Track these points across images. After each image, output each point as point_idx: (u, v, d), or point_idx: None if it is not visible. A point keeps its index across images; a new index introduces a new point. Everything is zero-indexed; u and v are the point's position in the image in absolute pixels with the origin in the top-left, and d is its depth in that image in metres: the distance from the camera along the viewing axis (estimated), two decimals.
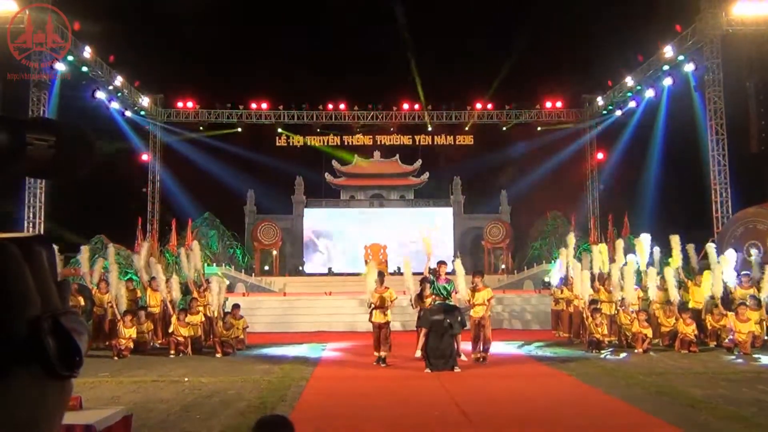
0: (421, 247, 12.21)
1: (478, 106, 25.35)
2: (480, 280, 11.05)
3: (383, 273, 11.34)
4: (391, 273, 20.84)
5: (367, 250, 29.05)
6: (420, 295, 10.72)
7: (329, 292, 19.69)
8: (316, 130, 26.15)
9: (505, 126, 25.66)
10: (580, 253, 16.53)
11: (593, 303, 12.62)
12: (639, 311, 12.36)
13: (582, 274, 12.80)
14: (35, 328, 0.55)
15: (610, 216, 22.51)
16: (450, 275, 10.93)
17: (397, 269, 23.25)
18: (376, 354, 10.46)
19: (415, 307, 10.89)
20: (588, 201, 26.49)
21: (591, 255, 14.60)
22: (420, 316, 10.68)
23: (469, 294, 10.89)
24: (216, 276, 14.87)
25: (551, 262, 19.85)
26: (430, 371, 9.65)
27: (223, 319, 12.44)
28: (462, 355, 10.55)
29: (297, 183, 31.12)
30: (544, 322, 15.99)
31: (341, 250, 30.53)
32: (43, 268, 0.59)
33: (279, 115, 25.45)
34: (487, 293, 10.95)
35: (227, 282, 17.56)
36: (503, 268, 26.85)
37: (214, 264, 21.89)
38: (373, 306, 10.65)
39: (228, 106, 25.35)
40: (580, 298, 12.62)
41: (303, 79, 28.16)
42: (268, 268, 27.80)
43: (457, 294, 10.75)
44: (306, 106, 25.38)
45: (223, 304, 13.33)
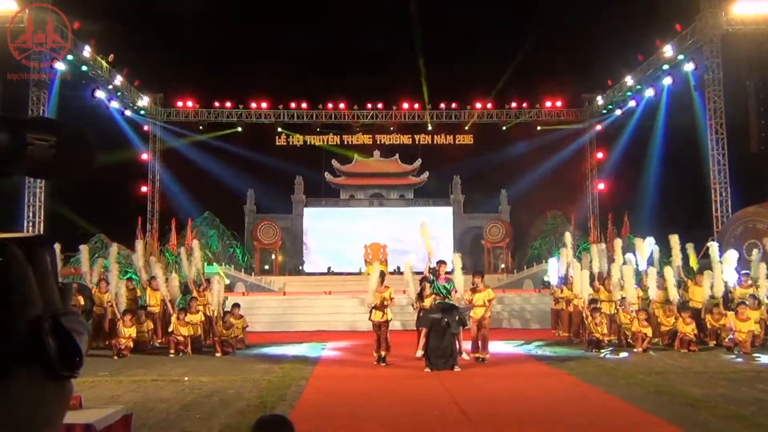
0: (421, 246, 12.17)
1: (478, 106, 25.36)
2: (480, 280, 11.02)
3: (384, 272, 11.34)
4: (391, 272, 20.84)
5: (367, 250, 29.06)
6: (420, 295, 10.72)
7: (329, 292, 19.69)
8: (315, 129, 26.13)
9: (505, 125, 25.66)
10: (580, 252, 16.52)
11: (593, 302, 12.62)
12: (639, 310, 12.35)
13: (582, 273, 12.82)
14: (36, 329, 0.55)
15: (609, 215, 22.53)
16: (449, 274, 10.94)
17: (396, 269, 23.26)
18: (376, 354, 10.47)
19: (416, 308, 10.90)
20: (588, 200, 26.50)
21: (590, 254, 14.61)
22: (420, 317, 10.68)
23: (469, 294, 10.88)
24: (216, 276, 14.86)
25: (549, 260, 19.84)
26: (429, 371, 9.65)
27: (222, 319, 12.44)
28: (464, 354, 10.56)
29: (297, 182, 31.15)
30: (543, 321, 15.98)
31: (341, 249, 30.55)
32: (44, 268, 0.59)
33: (279, 114, 25.45)
34: (487, 294, 10.94)
35: (227, 281, 17.56)
36: (503, 268, 26.87)
37: (214, 263, 21.88)
38: (372, 306, 10.65)
39: (228, 105, 25.35)
40: (580, 297, 12.63)
41: (303, 79, 28.21)
42: (268, 268, 27.82)
43: (457, 293, 10.75)
44: (306, 106, 25.38)
45: (222, 303, 13.33)
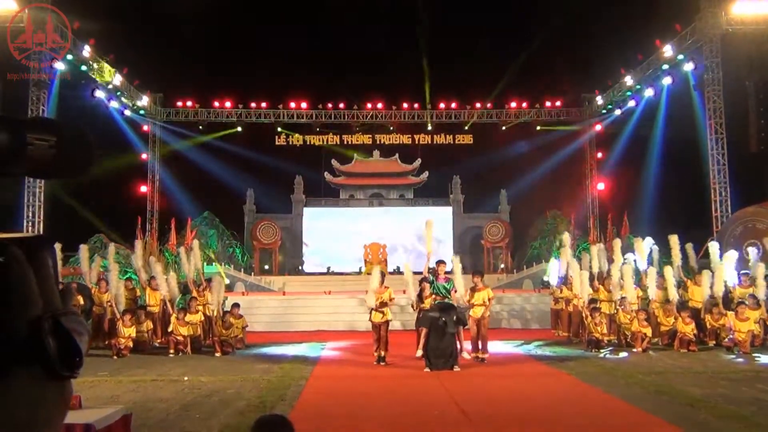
0: (419, 244, 12.18)
1: (478, 106, 25.34)
2: (480, 280, 11.05)
3: (383, 273, 11.34)
4: (390, 272, 20.83)
5: (367, 250, 29.04)
6: (420, 296, 10.73)
7: (329, 292, 19.69)
8: (315, 129, 26.11)
9: (505, 125, 25.64)
10: (580, 252, 16.52)
11: (592, 302, 12.63)
12: (638, 310, 12.36)
13: (581, 273, 12.82)
14: (36, 329, 0.55)
15: (609, 215, 22.53)
16: (448, 274, 10.94)
17: (396, 269, 23.25)
18: (376, 353, 10.47)
19: (416, 309, 10.90)
20: (587, 200, 26.50)
21: (590, 254, 14.62)
22: (419, 317, 10.68)
23: (469, 294, 10.89)
24: (217, 275, 14.86)
25: (549, 260, 19.84)
26: (429, 370, 9.65)
27: (222, 319, 12.44)
28: (465, 353, 10.56)
29: (296, 182, 31.14)
30: (543, 321, 15.99)
31: (341, 249, 30.54)
32: (45, 268, 0.59)
33: (278, 114, 25.43)
34: (487, 293, 10.96)
35: (227, 281, 17.55)
36: (502, 268, 26.86)
37: (214, 263, 21.87)
38: (372, 306, 10.66)
39: (228, 105, 25.34)
40: (580, 297, 12.64)
41: (303, 79, 28.14)
42: (268, 268, 27.81)
43: (457, 293, 10.75)
44: (306, 106, 25.37)
45: (222, 303, 13.34)
